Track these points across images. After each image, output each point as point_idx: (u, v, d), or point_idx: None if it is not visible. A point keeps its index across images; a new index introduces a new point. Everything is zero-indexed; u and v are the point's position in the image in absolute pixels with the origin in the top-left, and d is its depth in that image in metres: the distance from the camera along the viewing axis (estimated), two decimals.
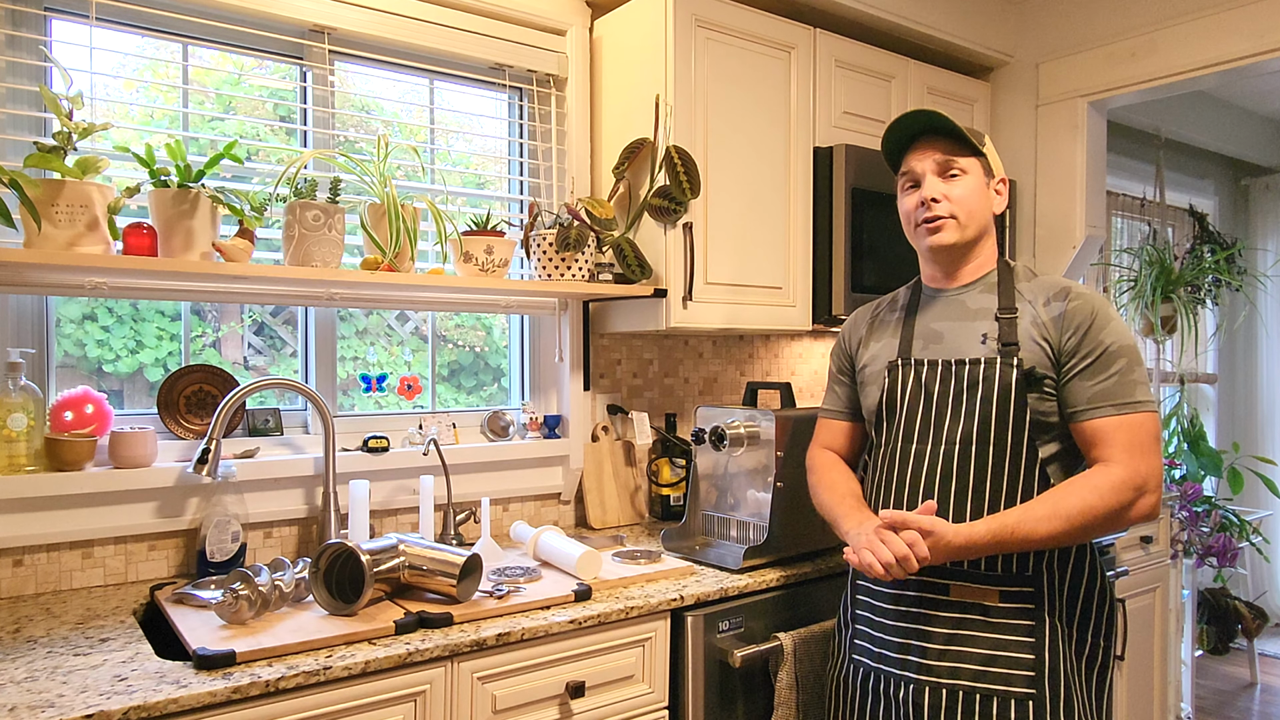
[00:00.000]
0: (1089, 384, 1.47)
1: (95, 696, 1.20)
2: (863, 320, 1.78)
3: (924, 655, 1.52)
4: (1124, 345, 1.47)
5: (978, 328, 1.56)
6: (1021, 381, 1.49)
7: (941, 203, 1.56)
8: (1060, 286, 1.54)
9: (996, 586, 1.49)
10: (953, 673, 1.50)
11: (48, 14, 1.80)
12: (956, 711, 1.49)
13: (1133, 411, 1.44)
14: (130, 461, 1.78)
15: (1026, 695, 1.46)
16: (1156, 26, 2.71)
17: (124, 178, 1.80)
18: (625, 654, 1.69)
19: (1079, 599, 1.51)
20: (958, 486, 1.52)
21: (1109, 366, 1.46)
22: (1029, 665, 1.46)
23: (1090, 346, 1.47)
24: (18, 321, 1.77)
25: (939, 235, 1.57)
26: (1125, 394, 1.45)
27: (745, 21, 2.30)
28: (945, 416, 1.55)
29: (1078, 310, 1.49)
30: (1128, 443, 1.43)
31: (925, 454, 1.56)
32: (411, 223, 1.90)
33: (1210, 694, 3.95)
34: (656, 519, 2.52)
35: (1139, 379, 1.46)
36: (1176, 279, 3.82)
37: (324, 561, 1.55)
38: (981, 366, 1.52)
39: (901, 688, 1.55)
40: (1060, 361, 1.49)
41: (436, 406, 2.34)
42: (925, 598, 1.54)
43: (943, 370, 1.57)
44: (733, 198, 2.28)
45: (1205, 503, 3.84)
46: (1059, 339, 1.49)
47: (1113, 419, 1.45)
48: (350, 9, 2.06)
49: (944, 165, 1.56)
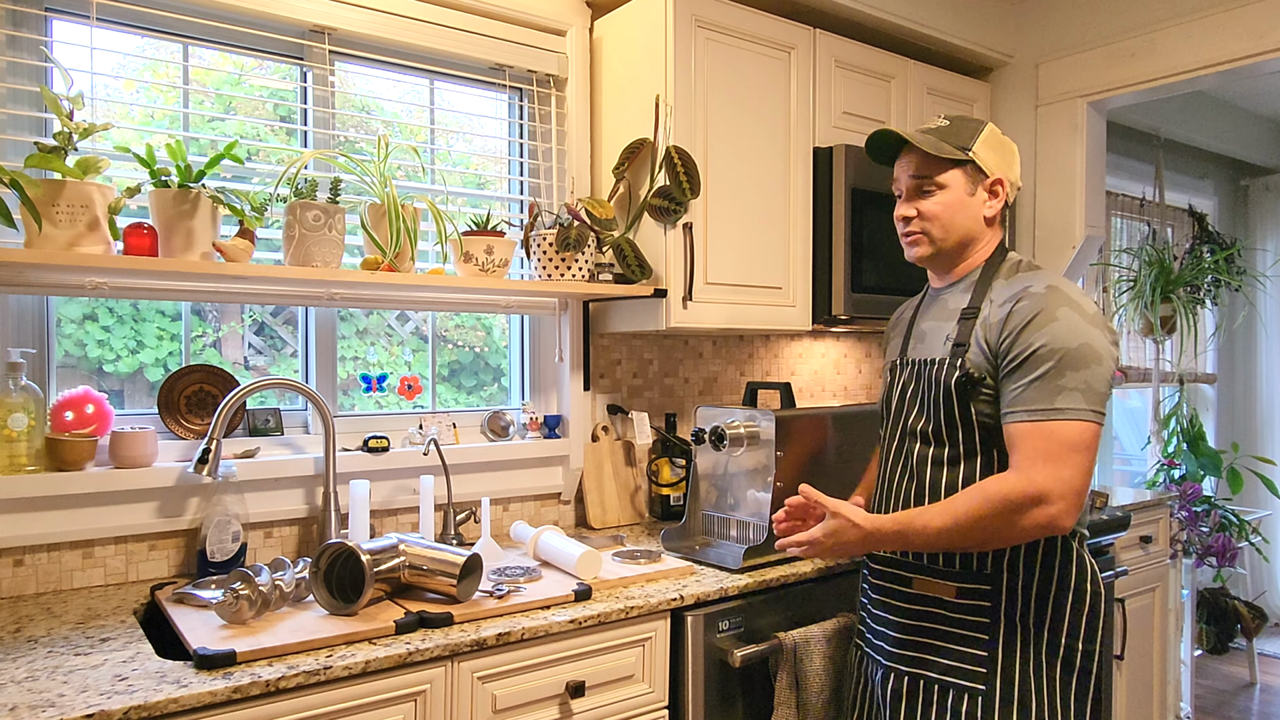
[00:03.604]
0: (1010, 387, 1.44)
1: (96, 696, 1.20)
2: (892, 321, 1.85)
3: (892, 644, 1.59)
4: (1055, 348, 1.39)
5: (947, 328, 1.58)
6: (962, 383, 1.49)
7: (914, 220, 1.58)
8: (1022, 285, 1.49)
9: (955, 583, 1.53)
10: (913, 661, 1.56)
11: (48, 14, 1.80)
12: (917, 698, 1.54)
13: (1046, 419, 1.38)
14: (131, 461, 1.79)
15: (977, 690, 1.49)
16: (1156, 27, 2.71)
17: (124, 178, 1.80)
18: (625, 654, 1.69)
19: (1049, 600, 1.49)
20: (918, 484, 1.57)
21: (1033, 370, 1.40)
22: (981, 661, 1.49)
23: (1019, 348, 1.42)
24: (18, 321, 1.77)
25: (914, 249, 1.61)
26: (1043, 400, 1.39)
27: (745, 22, 2.30)
28: (911, 415, 1.60)
29: (1019, 311, 1.45)
30: (1032, 451, 1.39)
31: (900, 451, 1.63)
32: (412, 223, 1.90)
33: (1209, 693, 3.95)
34: (656, 519, 2.52)
35: (1068, 384, 1.38)
36: (1176, 279, 3.82)
37: (324, 561, 1.56)
38: (934, 367, 1.55)
39: (879, 672, 1.62)
40: (997, 363, 1.47)
41: (436, 406, 2.35)
42: (895, 589, 1.60)
43: (915, 370, 1.62)
44: (733, 198, 2.28)
45: (1205, 502, 3.85)
46: (996, 340, 1.47)
47: (1024, 425, 1.40)
48: (350, 9, 2.07)
49: (917, 183, 1.57)
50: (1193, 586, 3.75)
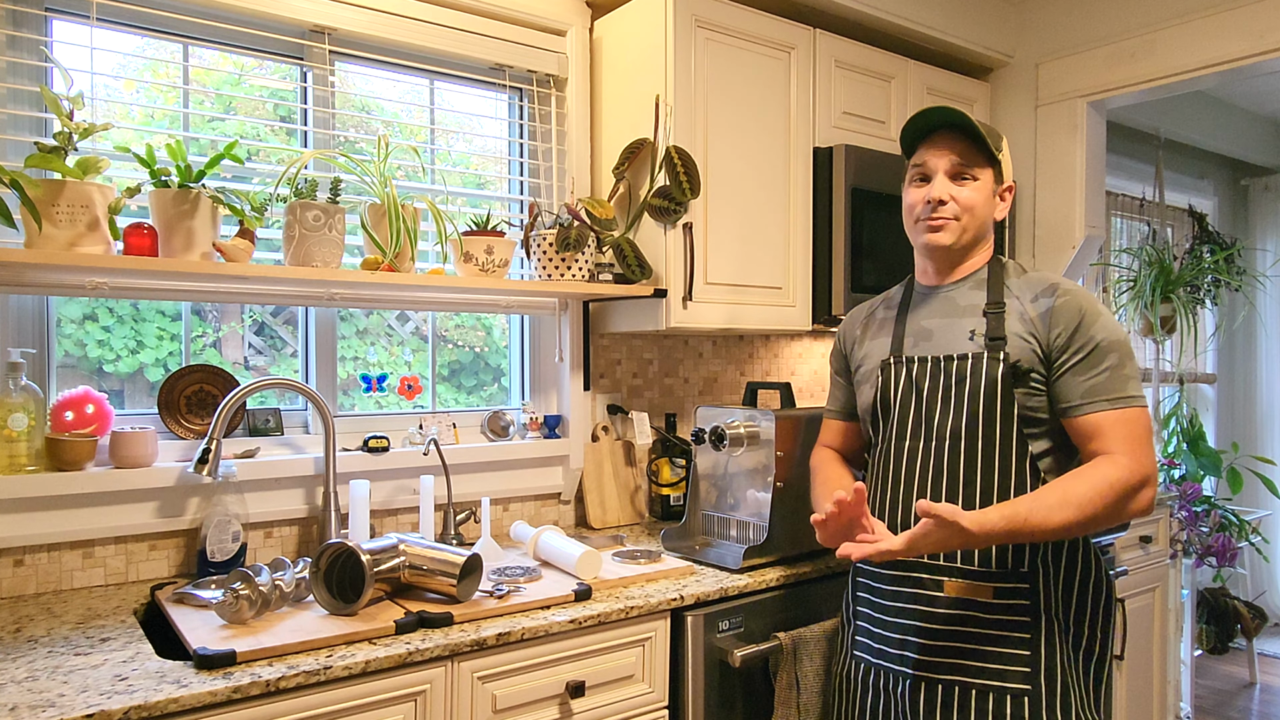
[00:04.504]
0: (1082, 379, 1.47)
1: (96, 696, 1.20)
2: (858, 320, 1.79)
3: (921, 651, 1.53)
4: (1114, 340, 1.47)
5: (966, 324, 1.57)
6: (1008, 376, 1.49)
7: (949, 204, 1.56)
8: (1048, 283, 1.54)
9: (991, 584, 1.50)
10: (949, 668, 1.50)
11: (48, 14, 1.80)
12: (953, 707, 1.49)
13: (1126, 406, 1.45)
14: (131, 461, 1.79)
15: (1022, 691, 1.46)
16: (1156, 27, 2.71)
17: (125, 178, 1.81)
18: (625, 654, 1.69)
19: (1074, 594, 1.51)
20: (949, 482, 1.53)
21: (1101, 361, 1.46)
22: (1025, 661, 1.47)
23: (1081, 342, 1.47)
24: (18, 321, 1.77)
25: (938, 235, 1.57)
26: (1119, 389, 1.46)
27: (745, 22, 2.30)
28: (935, 413, 1.56)
29: (1066, 306, 1.49)
30: (1127, 436, 1.44)
31: (919, 451, 1.57)
32: (412, 223, 1.90)
33: (1209, 693, 3.95)
34: (656, 519, 2.52)
35: (1130, 374, 1.47)
36: (1176, 279, 3.82)
37: (324, 561, 1.56)
38: (969, 362, 1.53)
39: (899, 683, 1.55)
40: (1050, 358, 1.49)
41: (436, 406, 2.35)
42: (921, 594, 1.54)
43: (932, 367, 1.58)
44: (733, 198, 2.28)
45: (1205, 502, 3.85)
46: (1047, 335, 1.49)
47: (1110, 413, 1.45)
48: (350, 9, 2.07)
49: (958, 167, 1.56)
50: (1193, 586, 3.75)
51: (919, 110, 1.59)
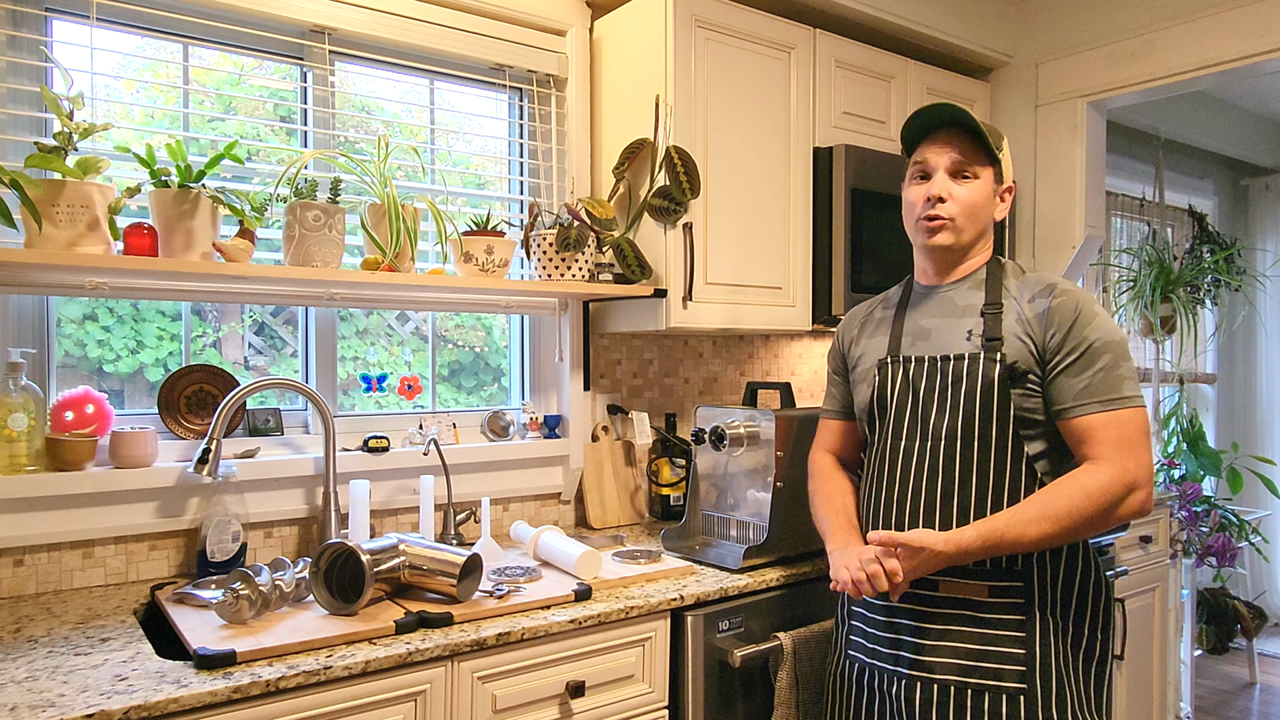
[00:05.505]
0: (1074, 380, 1.46)
1: (96, 696, 1.20)
2: (856, 319, 1.78)
3: (915, 651, 1.53)
4: (1108, 341, 1.46)
5: (964, 324, 1.57)
6: (1004, 376, 1.49)
7: (947, 203, 1.55)
8: (1046, 283, 1.53)
9: (986, 582, 1.50)
10: (944, 668, 1.50)
11: (48, 14, 1.80)
12: (949, 706, 1.49)
13: (1120, 407, 1.44)
14: (131, 461, 1.79)
15: (1018, 690, 1.46)
16: (1156, 27, 2.71)
17: (125, 178, 1.81)
18: (625, 654, 1.69)
19: (1074, 593, 1.51)
20: (944, 483, 1.52)
21: (1094, 362, 1.45)
22: (1020, 660, 1.47)
23: (1074, 343, 1.47)
24: (18, 321, 1.77)
25: (937, 236, 1.57)
26: (1111, 390, 1.44)
27: (745, 22, 2.30)
28: (931, 413, 1.56)
29: (1061, 306, 1.49)
30: (1116, 439, 1.43)
31: (914, 451, 1.57)
32: (412, 223, 1.90)
33: (1209, 693, 3.95)
34: (656, 519, 2.52)
35: (1125, 374, 1.46)
36: (1176, 279, 3.82)
37: (324, 561, 1.56)
38: (965, 362, 1.53)
39: (894, 683, 1.55)
40: (1045, 358, 1.49)
41: (437, 406, 2.35)
42: (915, 594, 1.54)
43: (929, 367, 1.57)
44: (733, 198, 2.28)
45: (1204, 502, 3.85)
46: (1042, 335, 1.49)
47: (1100, 415, 1.44)
48: (350, 9, 2.07)
49: (958, 165, 1.55)
50: (1193, 586, 3.75)
51: (918, 109, 1.58)
